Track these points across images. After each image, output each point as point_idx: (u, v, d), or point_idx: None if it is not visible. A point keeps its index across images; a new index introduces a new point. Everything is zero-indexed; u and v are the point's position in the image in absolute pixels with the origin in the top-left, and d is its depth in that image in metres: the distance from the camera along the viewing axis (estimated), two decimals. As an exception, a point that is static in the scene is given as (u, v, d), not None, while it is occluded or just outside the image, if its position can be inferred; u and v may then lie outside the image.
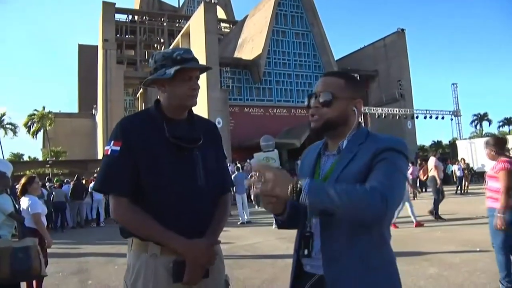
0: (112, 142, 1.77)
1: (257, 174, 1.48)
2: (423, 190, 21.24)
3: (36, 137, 54.10)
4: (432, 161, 11.73)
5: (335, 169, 1.57)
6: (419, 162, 22.18)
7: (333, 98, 1.58)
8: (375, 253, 1.52)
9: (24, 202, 5.20)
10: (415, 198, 17.54)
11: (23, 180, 5.42)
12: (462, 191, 19.71)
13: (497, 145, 4.63)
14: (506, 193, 4.33)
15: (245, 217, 12.56)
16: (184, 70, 1.81)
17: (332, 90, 1.60)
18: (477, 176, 24.27)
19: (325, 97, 1.59)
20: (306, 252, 1.58)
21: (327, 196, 1.33)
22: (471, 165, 23.84)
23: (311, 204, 1.34)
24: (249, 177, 13.36)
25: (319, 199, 1.34)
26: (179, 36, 41.78)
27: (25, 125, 53.13)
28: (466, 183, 20.43)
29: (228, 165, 16.83)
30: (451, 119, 34.77)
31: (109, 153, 1.76)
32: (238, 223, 12.23)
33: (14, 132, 54.16)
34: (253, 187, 1.64)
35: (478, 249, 6.62)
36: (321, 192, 1.34)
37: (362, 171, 1.48)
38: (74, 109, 68.36)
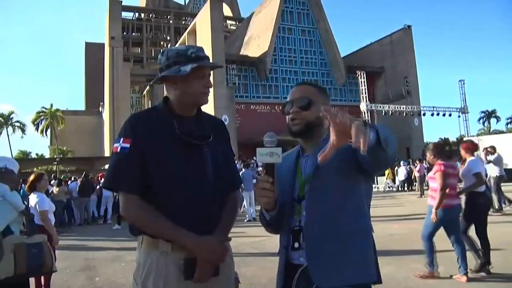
0: (122, 139, 1.76)
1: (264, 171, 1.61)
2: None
3: (46, 134, 54.57)
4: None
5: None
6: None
7: (310, 102, 1.78)
8: (349, 221, 1.67)
9: (33, 199, 5.23)
10: (422, 196, 17.51)
11: (31, 177, 5.46)
12: None
13: (435, 149, 5.37)
14: (441, 191, 5.03)
15: (252, 214, 12.58)
16: (199, 68, 1.80)
17: (309, 96, 1.80)
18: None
19: (304, 101, 1.78)
20: (296, 245, 1.73)
21: (389, 134, 1.44)
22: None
23: (382, 135, 1.38)
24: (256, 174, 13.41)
25: (386, 134, 1.42)
26: (185, 33, 41.87)
27: (33, 122, 53.51)
28: None
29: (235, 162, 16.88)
30: (459, 116, 34.57)
31: (118, 150, 1.75)
32: (245, 220, 12.25)
33: (23, 131, 54.68)
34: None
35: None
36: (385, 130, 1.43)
37: (345, 155, 1.55)
38: (80, 107, 68.72)
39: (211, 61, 1.95)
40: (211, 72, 1.98)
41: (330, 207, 1.67)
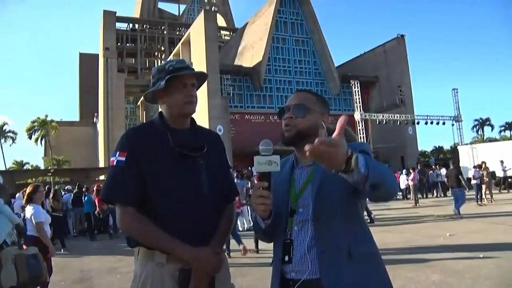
0: (118, 153, 1.80)
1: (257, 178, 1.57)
2: (425, 196, 21.19)
3: (42, 143, 54.52)
4: None
5: (316, 176, 1.70)
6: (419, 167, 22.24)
7: (306, 109, 1.75)
8: (359, 246, 1.64)
9: (28, 211, 5.23)
10: (417, 205, 17.53)
11: (28, 189, 5.47)
12: (480, 201, 16.05)
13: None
14: None
15: (245, 225, 12.54)
16: (177, 79, 1.84)
17: (306, 103, 1.77)
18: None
19: (299, 108, 1.75)
20: (287, 258, 1.69)
21: (376, 170, 1.41)
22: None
23: (368, 177, 1.39)
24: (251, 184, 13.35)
25: (374, 175, 1.40)
26: (179, 44, 41.93)
27: (27, 131, 53.40)
28: (487, 191, 16.66)
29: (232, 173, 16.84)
30: (452, 125, 34.74)
31: (114, 163, 1.78)
32: (240, 229, 12.22)
33: (13, 140, 54.69)
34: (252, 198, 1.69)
35: (481, 256, 6.61)
36: (373, 167, 1.40)
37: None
38: (75, 118, 68.57)
39: (205, 71, 1.99)
40: (206, 82, 2.02)
41: (337, 226, 1.64)
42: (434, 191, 23.08)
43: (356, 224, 1.70)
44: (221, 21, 55.79)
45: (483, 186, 16.41)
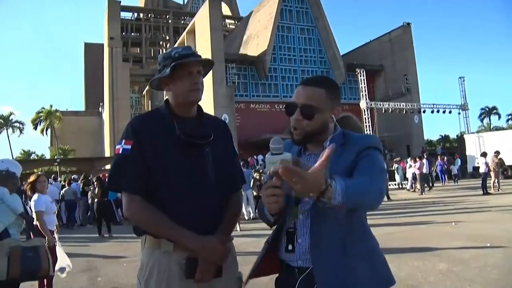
0: (123, 141, 1.78)
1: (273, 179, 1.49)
2: (432, 185, 21.08)
3: (46, 133, 54.85)
4: None
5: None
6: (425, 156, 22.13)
7: (314, 111, 1.64)
8: (356, 242, 1.61)
9: (32, 200, 5.25)
10: (423, 193, 17.51)
11: (31, 179, 5.46)
12: (486, 191, 15.58)
13: None
14: None
15: (251, 214, 12.59)
16: (182, 66, 1.81)
17: (314, 103, 1.64)
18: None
19: (307, 111, 1.64)
20: (290, 247, 1.68)
21: (355, 196, 1.41)
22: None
23: (344, 204, 1.36)
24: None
25: (352, 201, 1.39)
26: (184, 33, 41.81)
27: (33, 122, 53.66)
28: (495, 180, 16.23)
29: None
30: (459, 113, 34.47)
31: (120, 152, 1.77)
32: (246, 218, 12.26)
33: (21, 131, 54.93)
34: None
35: (488, 245, 6.59)
36: (351, 194, 1.38)
37: (349, 167, 1.61)
38: (80, 107, 68.74)
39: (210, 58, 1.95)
40: (211, 72, 1.99)
41: (333, 220, 1.60)
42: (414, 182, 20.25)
43: (354, 218, 1.65)
44: (225, 9, 55.37)
45: (493, 175, 16.27)
